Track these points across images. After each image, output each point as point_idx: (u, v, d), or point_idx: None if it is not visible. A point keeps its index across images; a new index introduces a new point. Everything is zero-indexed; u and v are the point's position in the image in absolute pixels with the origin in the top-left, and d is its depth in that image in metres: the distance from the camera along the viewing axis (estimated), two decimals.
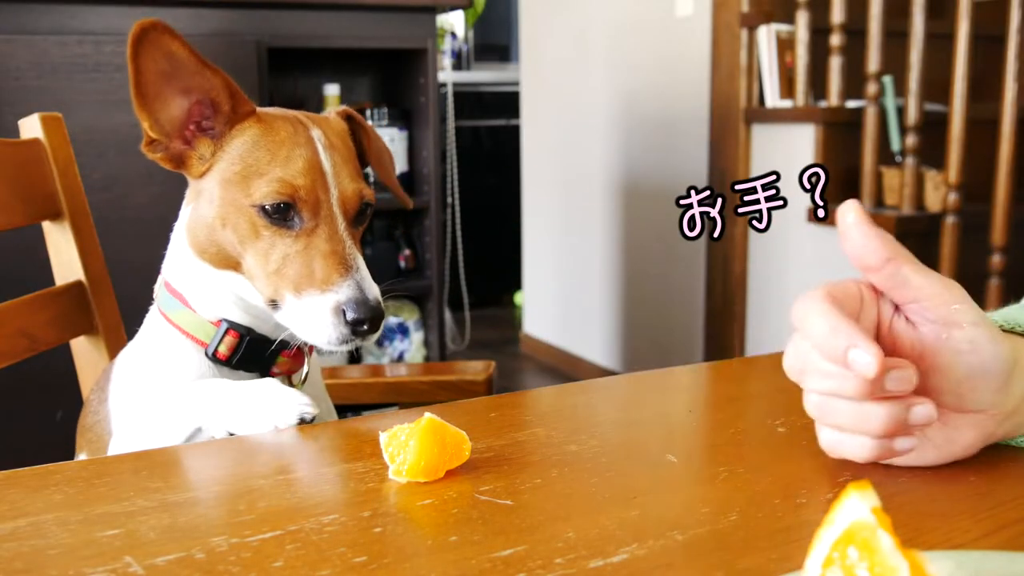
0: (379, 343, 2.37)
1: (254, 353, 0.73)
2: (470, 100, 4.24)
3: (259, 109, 0.73)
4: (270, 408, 0.63)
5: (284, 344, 0.73)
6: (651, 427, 0.58)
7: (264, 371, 0.74)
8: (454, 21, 4.35)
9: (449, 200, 3.99)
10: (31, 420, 1.69)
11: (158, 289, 0.78)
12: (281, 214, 0.68)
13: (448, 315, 3.55)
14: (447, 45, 4.26)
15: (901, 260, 0.51)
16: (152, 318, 0.78)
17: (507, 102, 4.18)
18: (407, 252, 2.41)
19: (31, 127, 0.98)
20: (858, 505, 0.30)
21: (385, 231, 2.48)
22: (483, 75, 4.38)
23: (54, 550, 0.42)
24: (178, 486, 0.51)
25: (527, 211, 3.68)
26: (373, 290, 0.68)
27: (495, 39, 4.78)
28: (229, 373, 0.73)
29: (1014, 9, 1.97)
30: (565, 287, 3.44)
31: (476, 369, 1.08)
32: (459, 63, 4.45)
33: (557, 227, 3.46)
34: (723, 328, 2.71)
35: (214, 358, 0.72)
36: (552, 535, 0.43)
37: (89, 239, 1.01)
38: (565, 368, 3.41)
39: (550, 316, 3.56)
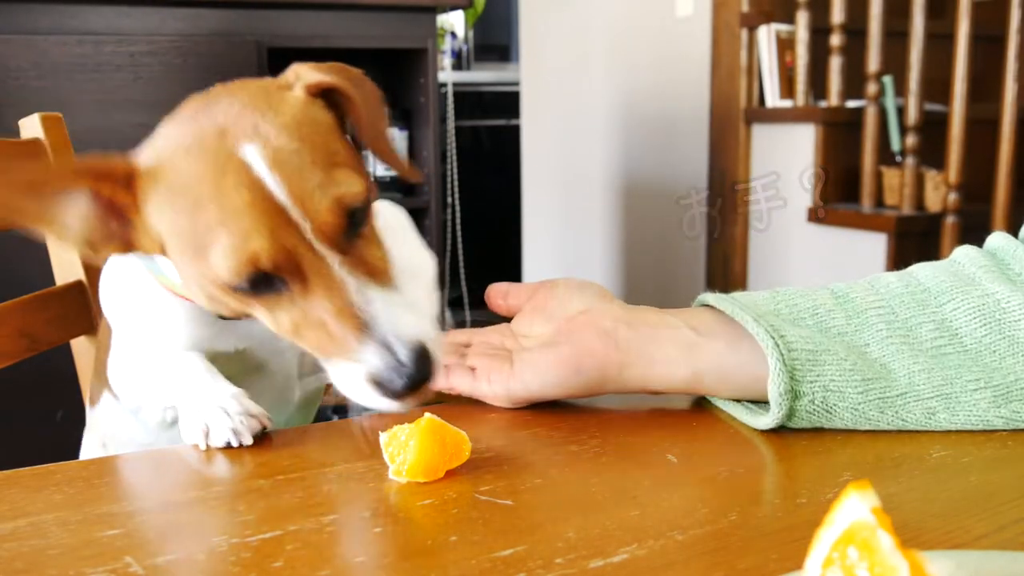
0: None
1: None
2: (470, 100, 4.24)
3: (158, 155, 0.54)
4: (204, 421, 0.56)
5: None
6: (651, 427, 0.58)
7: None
8: (454, 21, 4.35)
9: (449, 200, 3.99)
10: (31, 420, 1.69)
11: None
12: (258, 286, 0.52)
13: (448, 315, 3.55)
14: (447, 45, 4.26)
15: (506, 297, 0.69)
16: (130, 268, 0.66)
17: (507, 102, 4.18)
18: None
19: (31, 127, 0.98)
20: (858, 505, 0.30)
21: None
22: (483, 75, 4.38)
23: (54, 550, 0.42)
24: (178, 486, 0.51)
25: (527, 211, 3.68)
26: (405, 339, 0.51)
27: (495, 39, 4.77)
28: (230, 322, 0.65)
29: (1014, 9, 1.97)
30: None
31: None
32: (459, 63, 4.45)
33: (557, 227, 3.46)
34: None
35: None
36: (552, 535, 0.43)
37: None
38: None
39: None
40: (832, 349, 0.56)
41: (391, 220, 0.74)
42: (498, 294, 0.68)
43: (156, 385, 0.66)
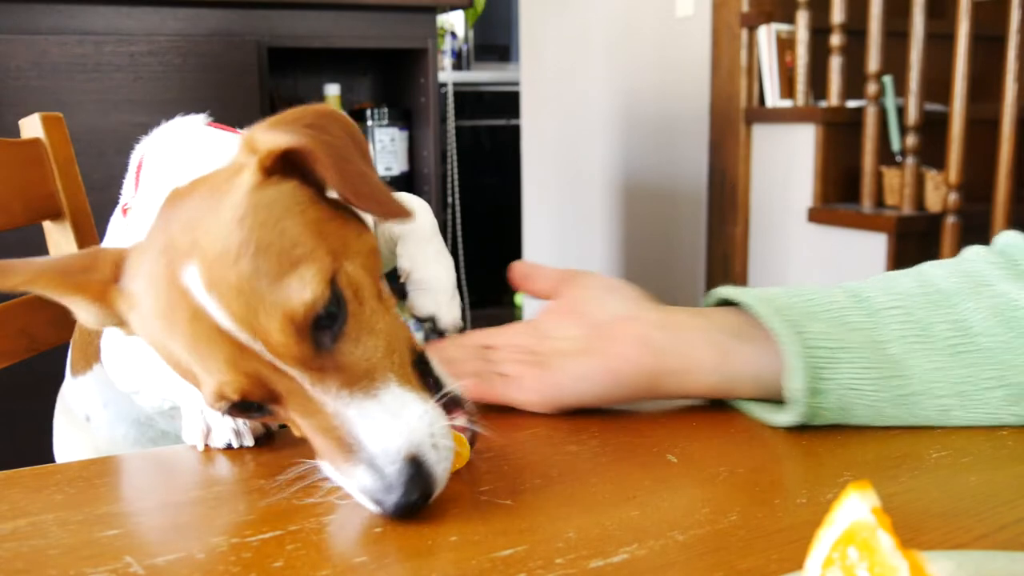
0: None
1: None
2: (470, 100, 4.24)
3: (127, 281, 0.49)
4: (205, 422, 0.55)
5: None
6: (651, 427, 0.58)
7: None
8: (454, 21, 4.35)
9: (449, 200, 3.99)
10: (31, 420, 1.69)
11: (128, 227, 0.64)
12: (245, 411, 0.48)
13: None
14: (447, 45, 4.26)
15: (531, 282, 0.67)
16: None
17: (507, 102, 4.18)
18: None
19: (31, 127, 0.99)
20: (858, 505, 0.30)
21: None
22: (483, 75, 4.38)
23: (54, 550, 0.42)
24: (178, 486, 0.51)
25: (527, 211, 3.68)
26: (395, 452, 0.45)
27: (495, 39, 4.78)
28: None
29: (1014, 9, 1.97)
30: None
31: None
32: (459, 63, 4.45)
33: (557, 227, 3.46)
34: None
35: None
36: (552, 535, 0.43)
37: (89, 239, 1.01)
38: None
39: None
40: (850, 345, 0.56)
41: (415, 224, 0.75)
42: (521, 275, 0.67)
43: (153, 376, 0.65)
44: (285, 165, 0.49)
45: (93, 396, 0.82)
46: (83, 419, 0.84)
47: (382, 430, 0.45)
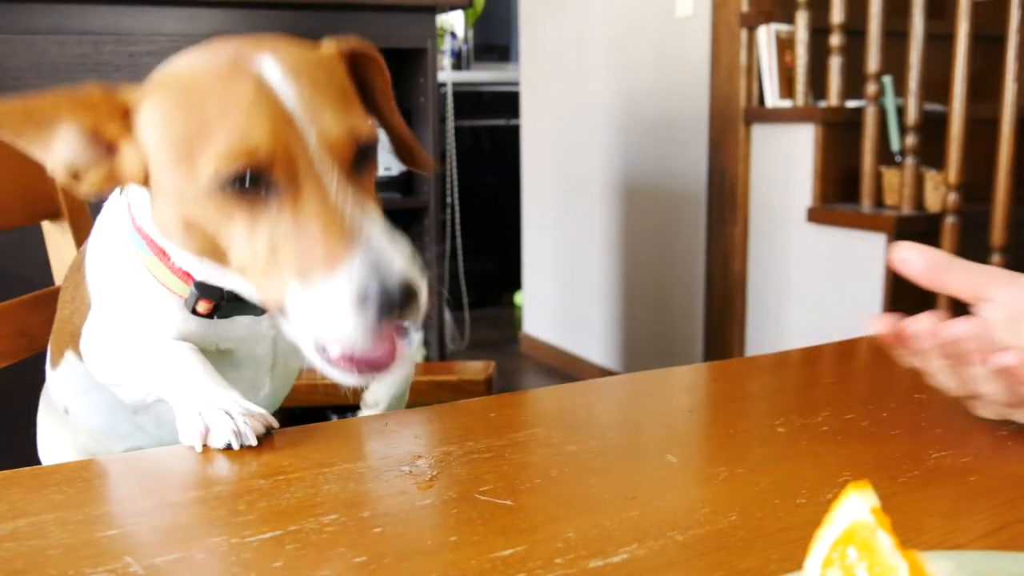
0: None
1: (238, 298, 0.62)
2: (470, 100, 4.24)
3: (162, 74, 0.56)
4: (204, 423, 0.55)
5: None
6: (651, 427, 0.58)
7: (258, 311, 0.65)
8: (454, 21, 4.35)
9: (449, 200, 3.99)
10: (31, 420, 1.69)
11: (128, 227, 0.65)
12: (246, 189, 0.51)
13: (448, 315, 3.55)
14: (447, 45, 4.26)
15: (943, 272, 0.56)
16: (119, 242, 0.66)
17: (507, 102, 4.18)
18: None
19: None
20: (858, 505, 0.30)
21: None
22: (483, 75, 4.38)
23: (54, 550, 0.42)
24: (178, 486, 0.51)
25: (527, 211, 3.68)
26: (396, 260, 0.50)
27: (495, 39, 4.78)
28: (215, 322, 0.65)
29: (1014, 9, 1.97)
30: (565, 287, 3.44)
31: (476, 369, 1.08)
32: (459, 63, 4.45)
33: (557, 227, 3.46)
34: (723, 328, 2.71)
35: (195, 313, 0.63)
36: (552, 535, 0.43)
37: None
38: (565, 368, 3.41)
39: (550, 316, 3.56)
40: None
41: None
42: (931, 264, 0.56)
43: (142, 373, 0.65)
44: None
45: (67, 387, 0.82)
46: (62, 412, 0.84)
47: (389, 240, 0.51)
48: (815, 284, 2.42)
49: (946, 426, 0.57)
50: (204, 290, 0.63)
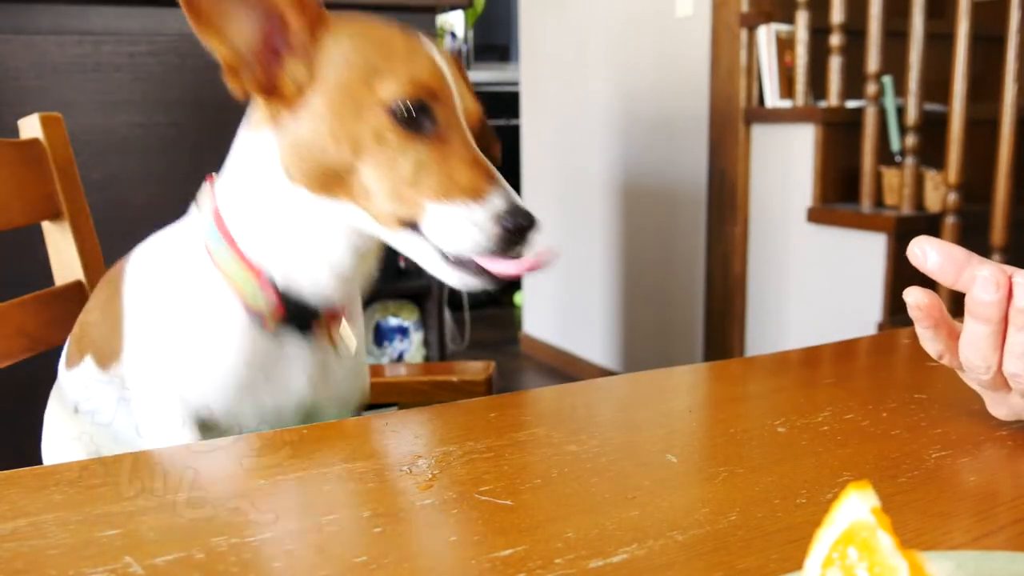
0: (378, 343, 2.37)
1: (295, 310, 0.68)
2: None
3: (341, 17, 0.65)
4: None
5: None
6: (651, 427, 0.58)
7: (303, 327, 0.70)
8: (454, 21, 4.35)
9: None
10: (31, 420, 1.69)
11: (205, 219, 0.70)
12: (413, 116, 0.61)
13: (448, 315, 3.54)
14: (447, 45, 4.26)
15: (959, 268, 0.53)
16: (187, 245, 0.70)
17: (507, 102, 4.18)
18: None
19: (31, 127, 0.98)
20: (858, 505, 0.30)
21: None
22: (483, 75, 4.38)
23: (54, 550, 0.42)
24: (178, 486, 0.51)
25: None
26: (519, 199, 0.62)
27: (495, 39, 4.78)
28: (264, 333, 0.69)
29: (1014, 9, 1.97)
30: (565, 287, 3.44)
31: (476, 369, 1.08)
32: None
33: (557, 227, 3.46)
34: (723, 328, 2.71)
35: (256, 317, 0.68)
36: (552, 535, 0.42)
37: (89, 239, 1.01)
38: (565, 368, 3.41)
39: (550, 316, 3.56)
40: None
41: None
42: (940, 262, 0.53)
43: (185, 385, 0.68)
44: None
45: (80, 389, 0.82)
46: (72, 410, 0.85)
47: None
48: (815, 284, 2.41)
49: (946, 426, 0.57)
50: (272, 283, 0.67)
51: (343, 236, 0.67)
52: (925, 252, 0.54)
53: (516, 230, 0.60)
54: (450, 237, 0.61)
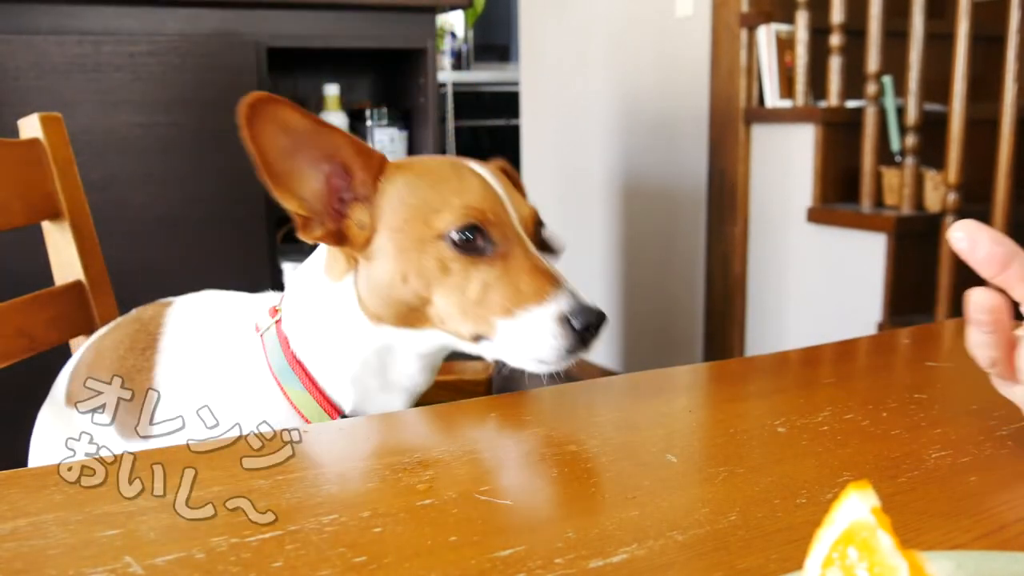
0: None
1: None
2: (470, 100, 4.24)
3: (398, 160, 0.70)
4: None
5: None
6: (651, 427, 0.58)
7: None
8: (454, 21, 4.35)
9: None
10: (31, 420, 1.69)
11: (269, 344, 0.74)
12: (471, 241, 0.65)
13: None
14: (447, 45, 4.27)
15: (1003, 262, 0.48)
16: (246, 356, 0.74)
17: (507, 102, 4.18)
18: None
19: (31, 127, 0.98)
20: (858, 505, 0.30)
21: None
22: (483, 75, 4.38)
23: (54, 550, 0.42)
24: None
25: None
26: (586, 295, 0.65)
27: (495, 39, 4.78)
28: None
29: (1014, 9, 1.97)
30: None
31: (476, 369, 1.08)
32: (459, 63, 4.45)
33: (557, 227, 3.46)
34: (723, 328, 2.71)
35: None
36: (552, 535, 0.42)
37: (89, 239, 1.01)
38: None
39: None
40: None
41: None
42: (984, 253, 0.49)
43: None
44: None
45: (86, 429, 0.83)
46: (69, 407, 0.85)
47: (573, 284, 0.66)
48: (815, 284, 2.41)
49: (946, 426, 0.57)
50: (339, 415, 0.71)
51: (421, 359, 0.72)
52: (974, 241, 0.48)
53: (584, 328, 0.63)
54: (522, 349, 0.65)
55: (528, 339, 0.64)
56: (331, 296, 0.72)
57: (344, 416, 0.72)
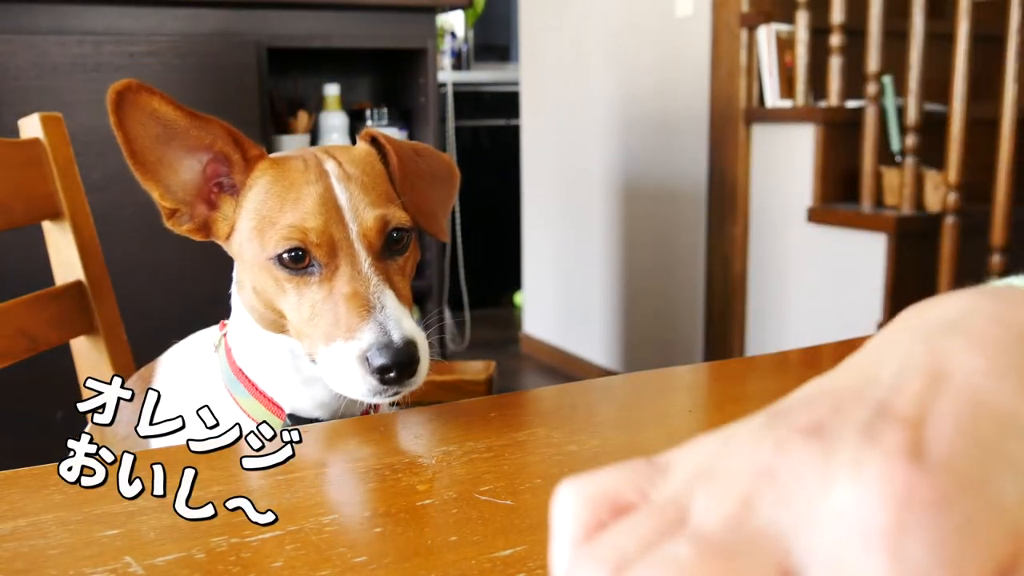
0: None
1: (301, 421, 0.71)
2: (470, 100, 4.24)
3: (272, 155, 0.69)
4: None
5: None
6: (651, 427, 0.58)
7: None
8: (454, 21, 4.35)
9: None
10: (31, 420, 1.69)
11: (219, 358, 0.74)
12: (296, 262, 0.63)
13: (448, 315, 3.55)
14: (447, 45, 4.27)
15: None
16: (209, 380, 0.74)
17: (507, 102, 4.18)
18: None
19: (31, 127, 0.98)
20: None
21: None
22: (483, 75, 4.38)
23: (54, 550, 0.42)
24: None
25: (527, 211, 3.68)
26: (400, 329, 0.60)
27: (495, 39, 4.78)
28: None
29: (1014, 9, 1.97)
30: (565, 287, 3.44)
31: (476, 369, 1.08)
32: (459, 63, 4.45)
33: (557, 227, 3.47)
34: (723, 328, 2.71)
35: None
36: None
37: (89, 239, 1.01)
38: (565, 368, 3.41)
39: (550, 316, 3.56)
40: None
41: None
42: None
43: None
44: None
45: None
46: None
47: (402, 313, 0.62)
48: (815, 284, 2.42)
49: None
50: (296, 421, 0.70)
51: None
52: None
53: (379, 369, 0.59)
54: (335, 381, 0.62)
55: (337, 373, 0.62)
56: (233, 286, 0.73)
57: (290, 416, 0.71)
